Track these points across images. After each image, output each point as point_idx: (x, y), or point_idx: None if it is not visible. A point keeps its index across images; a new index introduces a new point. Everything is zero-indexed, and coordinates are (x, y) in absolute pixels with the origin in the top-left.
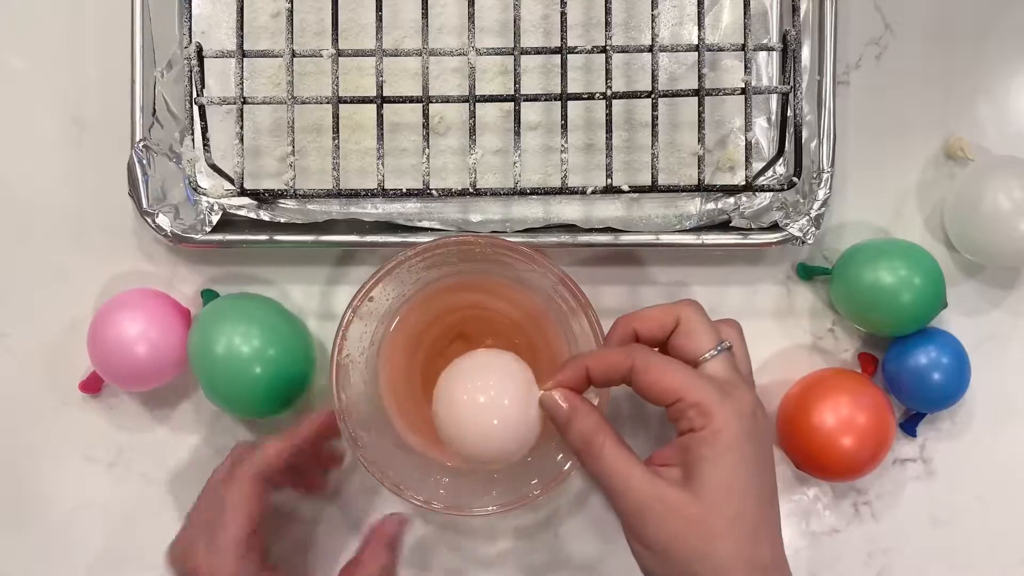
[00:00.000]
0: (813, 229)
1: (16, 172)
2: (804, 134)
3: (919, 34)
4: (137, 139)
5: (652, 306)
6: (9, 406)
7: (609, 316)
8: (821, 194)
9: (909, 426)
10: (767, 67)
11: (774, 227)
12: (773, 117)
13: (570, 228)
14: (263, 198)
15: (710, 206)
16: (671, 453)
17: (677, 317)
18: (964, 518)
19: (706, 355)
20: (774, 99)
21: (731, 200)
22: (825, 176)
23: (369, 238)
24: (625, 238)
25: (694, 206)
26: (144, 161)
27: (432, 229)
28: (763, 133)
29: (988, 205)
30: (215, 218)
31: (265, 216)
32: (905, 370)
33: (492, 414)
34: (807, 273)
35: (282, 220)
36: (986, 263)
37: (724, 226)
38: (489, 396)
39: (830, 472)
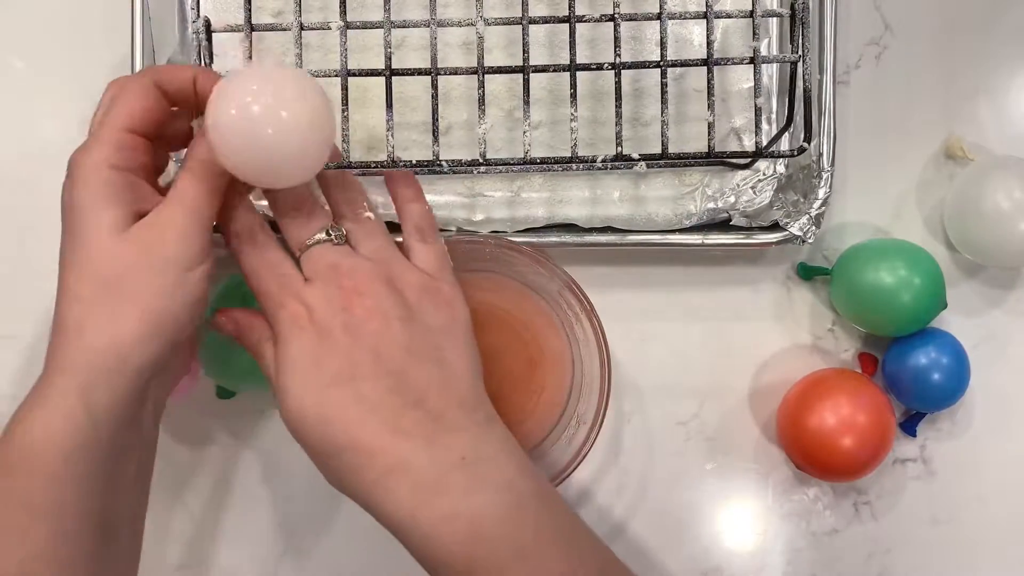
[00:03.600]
0: (813, 228)
1: (17, 172)
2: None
3: (919, 34)
4: None
5: None
6: (14, 408)
7: (609, 316)
8: (821, 193)
9: (909, 426)
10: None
11: (774, 227)
12: (774, 116)
13: (571, 228)
14: None
15: (711, 205)
16: None
17: None
18: (964, 518)
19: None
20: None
21: (732, 199)
22: (825, 176)
23: None
24: (627, 238)
25: (695, 204)
26: None
27: None
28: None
29: (988, 205)
30: None
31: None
32: (905, 370)
33: (268, 122)
34: (807, 273)
35: None
36: (986, 263)
37: (724, 225)
38: (265, 104)
39: (830, 472)
